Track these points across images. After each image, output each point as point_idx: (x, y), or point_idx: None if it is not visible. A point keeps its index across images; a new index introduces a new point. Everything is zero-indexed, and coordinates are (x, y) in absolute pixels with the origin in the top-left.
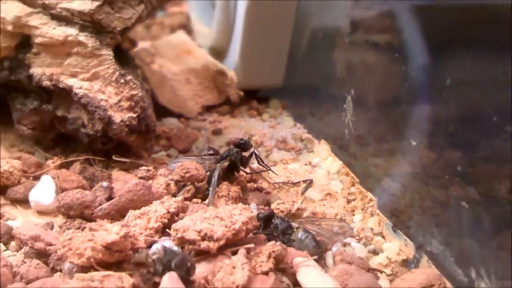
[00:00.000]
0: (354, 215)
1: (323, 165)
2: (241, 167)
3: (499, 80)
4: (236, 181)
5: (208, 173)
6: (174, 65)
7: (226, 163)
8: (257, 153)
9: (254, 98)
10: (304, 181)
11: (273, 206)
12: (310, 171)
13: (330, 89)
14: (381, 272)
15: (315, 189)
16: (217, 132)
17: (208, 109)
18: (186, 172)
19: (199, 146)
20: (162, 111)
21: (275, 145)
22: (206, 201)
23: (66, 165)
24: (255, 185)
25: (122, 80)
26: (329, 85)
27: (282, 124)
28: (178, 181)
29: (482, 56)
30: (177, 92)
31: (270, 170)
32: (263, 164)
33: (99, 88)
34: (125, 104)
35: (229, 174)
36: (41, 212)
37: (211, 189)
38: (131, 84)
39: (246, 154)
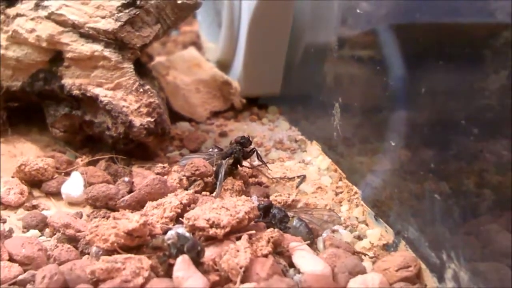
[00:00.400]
0: (341, 205)
1: (315, 162)
2: (243, 162)
3: (466, 89)
4: (239, 175)
5: (214, 168)
6: (186, 76)
7: (231, 161)
8: (257, 150)
9: (255, 105)
10: (298, 177)
11: (271, 198)
12: (303, 168)
13: (321, 97)
14: (365, 255)
15: (307, 183)
16: (223, 134)
17: (215, 114)
18: (196, 170)
19: (207, 146)
20: (176, 116)
21: (273, 146)
22: (214, 194)
23: (93, 163)
24: (256, 180)
25: (141, 90)
26: (320, 93)
27: (279, 127)
28: (189, 176)
29: (451, 69)
30: (189, 99)
31: (266, 166)
32: (261, 161)
33: (121, 96)
34: (144, 110)
35: (233, 169)
36: (72, 203)
37: (218, 183)
38: (149, 93)
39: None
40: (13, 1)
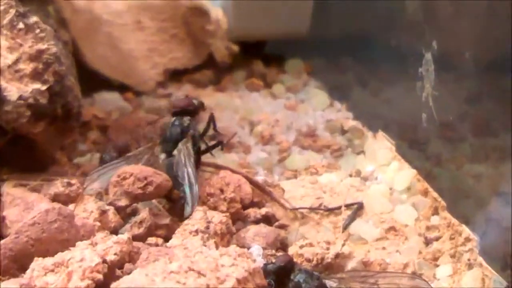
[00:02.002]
0: (437, 266)
1: (383, 176)
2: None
3: None
4: (226, 200)
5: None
6: None
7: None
8: (214, 117)
9: (258, 57)
10: (348, 206)
11: (291, 250)
12: (358, 187)
13: (394, 40)
14: None
15: (367, 219)
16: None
17: (177, 76)
18: (145, 184)
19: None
20: (93, 80)
21: (296, 141)
22: (186, 211)
23: None
24: (260, 212)
25: (21, 25)
26: (392, 33)
27: (308, 103)
28: (125, 206)
29: None
30: (120, 45)
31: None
32: (215, 130)
33: None
34: (27, 67)
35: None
36: None
37: (186, 187)
38: (37, 31)
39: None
40: None
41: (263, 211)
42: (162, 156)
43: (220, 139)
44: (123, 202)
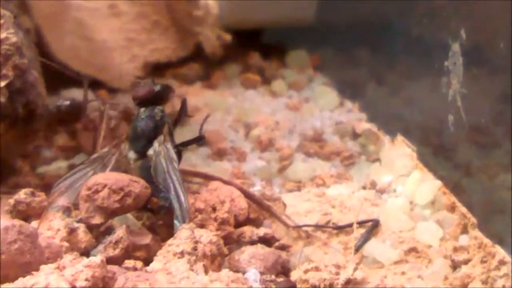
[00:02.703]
0: None
1: (402, 188)
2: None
3: None
4: (218, 221)
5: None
6: None
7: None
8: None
9: (255, 47)
10: (361, 223)
11: (294, 275)
12: (373, 201)
13: (415, 28)
14: None
15: (384, 238)
16: (176, 119)
17: (159, 70)
18: (124, 196)
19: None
20: (60, 75)
21: (299, 147)
22: (176, 228)
23: None
24: (257, 232)
25: None
26: (413, 19)
27: (314, 102)
28: (97, 225)
29: None
30: (92, 34)
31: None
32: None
33: None
34: None
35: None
36: None
37: (174, 201)
38: None
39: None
40: None
41: (261, 231)
42: (132, 155)
43: (200, 133)
44: (97, 220)
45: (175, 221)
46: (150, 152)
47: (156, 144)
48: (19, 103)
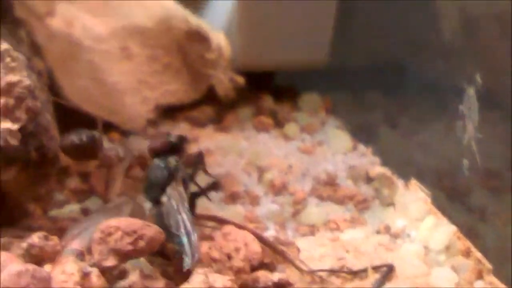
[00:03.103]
0: None
1: (416, 233)
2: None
3: None
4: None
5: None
6: (96, 18)
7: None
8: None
9: (267, 90)
10: (375, 268)
11: None
12: (387, 246)
13: (429, 72)
14: None
15: (398, 284)
16: (189, 161)
17: (171, 113)
18: (137, 239)
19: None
20: (72, 117)
21: (313, 191)
22: (185, 263)
23: None
24: (271, 278)
25: None
26: (427, 62)
27: (327, 146)
28: (110, 267)
29: None
30: (104, 77)
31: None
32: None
33: None
34: None
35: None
36: None
37: (184, 238)
38: (8, 60)
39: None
40: None
41: (275, 276)
42: (148, 205)
43: (216, 180)
44: (110, 262)
45: (185, 257)
46: (164, 198)
47: (168, 189)
48: (31, 146)
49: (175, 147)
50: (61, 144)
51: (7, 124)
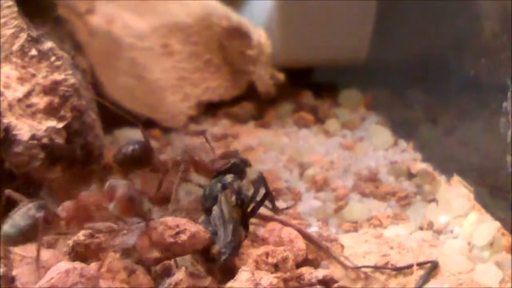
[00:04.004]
0: None
1: (460, 229)
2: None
3: None
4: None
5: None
6: (138, 16)
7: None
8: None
9: (308, 87)
10: (419, 265)
11: None
12: (431, 242)
13: (470, 69)
14: None
15: (443, 280)
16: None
17: (212, 109)
18: (179, 232)
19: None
20: (114, 115)
21: (355, 187)
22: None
23: None
24: (316, 274)
25: (33, 51)
26: (469, 59)
27: (368, 142)
28: (153, 260)
29: None
30: (145, 74)
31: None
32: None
33: None
34: (41, 101)
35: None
36: None
37: (220, 228)
38: (53, 59)
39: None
40: None
41: (320, 273)
42: (202, 217)
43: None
44: (152, 255)
45: (222, 249)
46: (214, 207)
47: (219, 196)
48: (77, 144)
49: (236, 170)
50: (114, 158)
51: (52, 123)
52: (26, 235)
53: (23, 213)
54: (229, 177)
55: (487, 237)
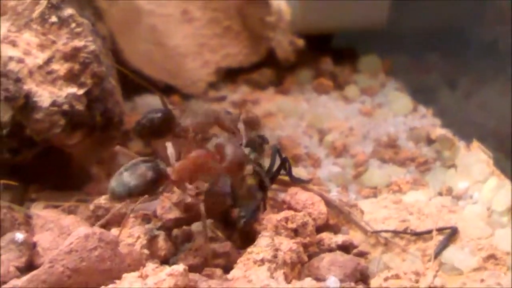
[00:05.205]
0: None
1: (479, 195)
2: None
3: None
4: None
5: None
6: None
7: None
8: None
9: (327, 53)
10: (439, 230)
11: (374, 283)
12: (450, 208)
13: (489, 33)
14: None
15: (462, 245)
16: (249, 125)
17: (231, 75)
18: (198, 194)
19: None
20: (134, 82)
21: (374, 153)
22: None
23: None
24: (336, 239)
25: (53, 18)
26: (487, 23)
27: (388, 108)
28: (173, 221)
29: None
30: (165, 40)
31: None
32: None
33: (5, 34)
34: (61, 68)
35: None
36: None
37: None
38: (73, 25)
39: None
40: None
41: (340, 238)
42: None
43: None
44: (172, 215)
45: (241, 213)
46: None
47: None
48: (97, 111)
49: (253, 144)
50: (135, 130)
51: (72, 89)
52: (134, 194)
53: (134, 172)
54: (245, 150)
55: (506, 203)
